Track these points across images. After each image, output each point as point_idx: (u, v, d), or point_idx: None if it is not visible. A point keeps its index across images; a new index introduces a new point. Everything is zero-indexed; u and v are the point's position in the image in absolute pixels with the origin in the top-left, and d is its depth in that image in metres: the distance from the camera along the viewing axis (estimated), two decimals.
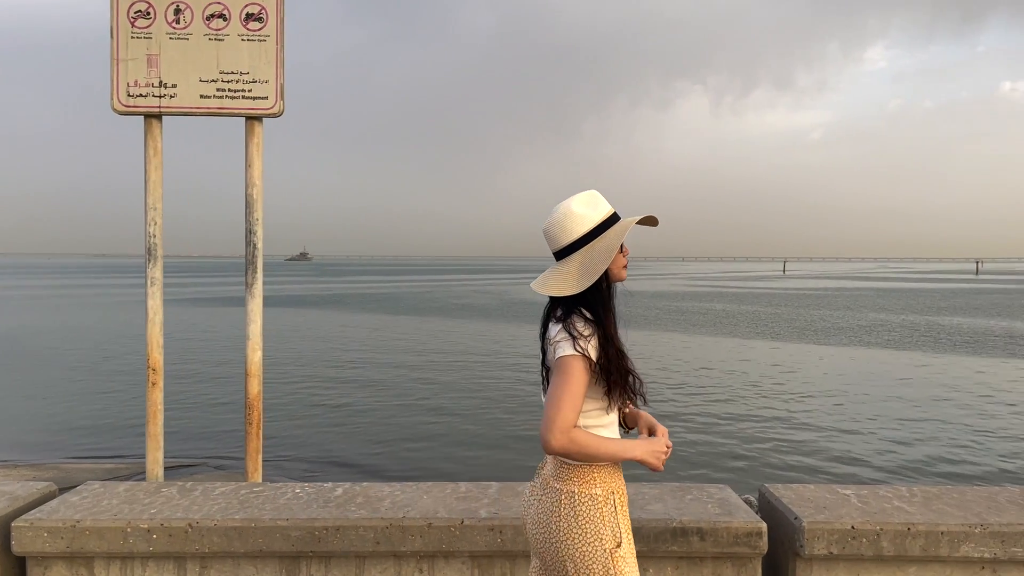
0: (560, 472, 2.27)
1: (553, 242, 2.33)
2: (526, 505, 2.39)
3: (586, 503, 2.21)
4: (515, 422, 13.32)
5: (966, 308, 44.86)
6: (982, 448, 11.89)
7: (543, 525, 2.27)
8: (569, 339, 2.17)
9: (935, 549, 3.20)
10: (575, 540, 2.20)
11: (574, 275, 2.24)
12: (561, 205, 2.31)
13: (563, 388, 2.11)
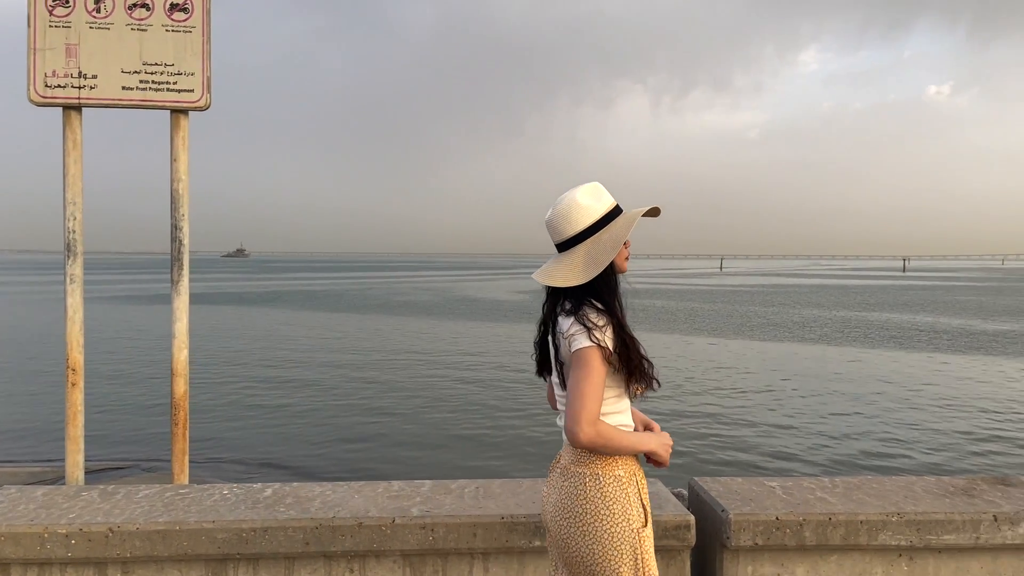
0: (581, 457, 2.26)
1: (557, 233, 2.31)
2: (545, 496, 2.40)
3: (612, 484, 2.22)
4: (455, 421, 13.29)
5: (894, 304, 46.40)
6: (907, 440, 12.31)
7: (567, 510, 2.25)
8: (584, 331, 2.17)
9: (855, 538, 3.30)
10: (603, 521, 2.20)
11: (579, 266, 2.24)
12: (565, 197, 2.31)
13: (586, 381, 2.12)
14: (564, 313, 2.27)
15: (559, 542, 2.30)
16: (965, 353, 23.28)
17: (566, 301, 2.28)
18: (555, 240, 2.34)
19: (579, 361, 2.15)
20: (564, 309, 2.27)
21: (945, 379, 18.46)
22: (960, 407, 14.90)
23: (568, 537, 2.26)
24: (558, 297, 2.35)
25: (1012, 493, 3.57)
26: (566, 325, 2.23)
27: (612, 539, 2.19)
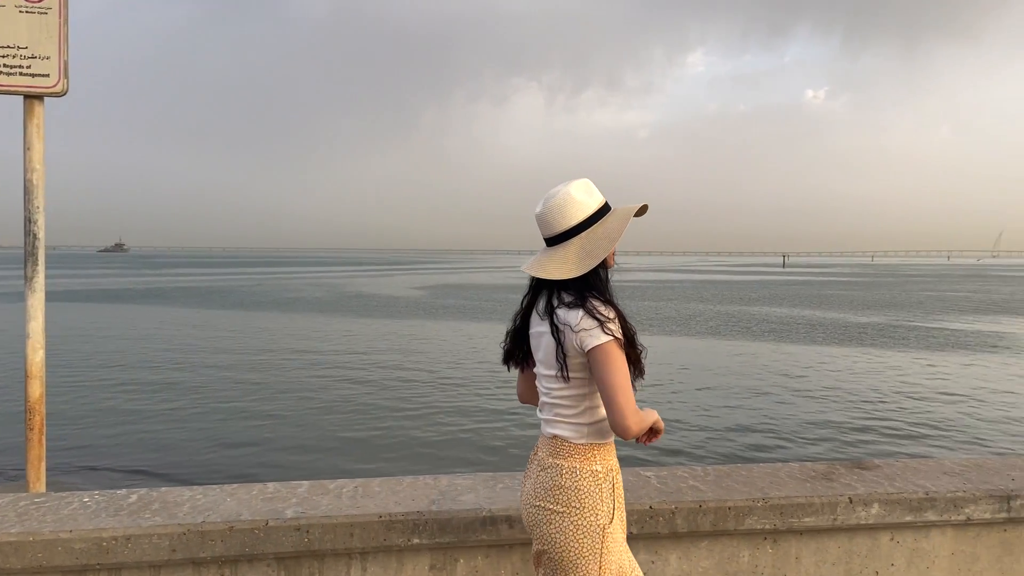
0: (560, 450, 2.28)
1: (550, 227, 2.31)
2: (524, 487, 2.42)
3: (587, 478, 2.25)
4: (344, 423, 13.08)
5: (775, 298, 48.65)
6: (781, 428, 12.93)
7: (538, 500, 2.28)
8: (599, 325, 2.17)
9: (723, 523, 3.43)
10: (572, 513, 2.23)
11: (573, 259, 2.24)
12: (559, 192, 2.30)
13: (618, 374, 2.15)
14: (565, 306, 2.25)
15: (532, 531, 2.34)
16: (839, 344, 24.66)
17: (564, 294, 2.28)
18: (547, 234, 2.33)
19: (604, 356, 2.16)
20: (564, 302, 2.26)
21: (820, 369, 19.49)
22: (832, 396, 15.76)
23: (537, 526, 2.30)
24: (542, 290, 2.35)
25: (867, 476, 3.79)
26: (574, 319, 2.22)
27: (577, 532, 2.22)
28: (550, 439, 2.34)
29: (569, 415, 2.31)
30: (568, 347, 2.23)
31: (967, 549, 3.72)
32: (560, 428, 2.32)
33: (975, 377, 18.15)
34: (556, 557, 2.26)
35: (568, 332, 2.22)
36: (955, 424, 13.21)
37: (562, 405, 2.31)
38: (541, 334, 2.34)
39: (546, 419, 2.36)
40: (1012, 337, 27.13)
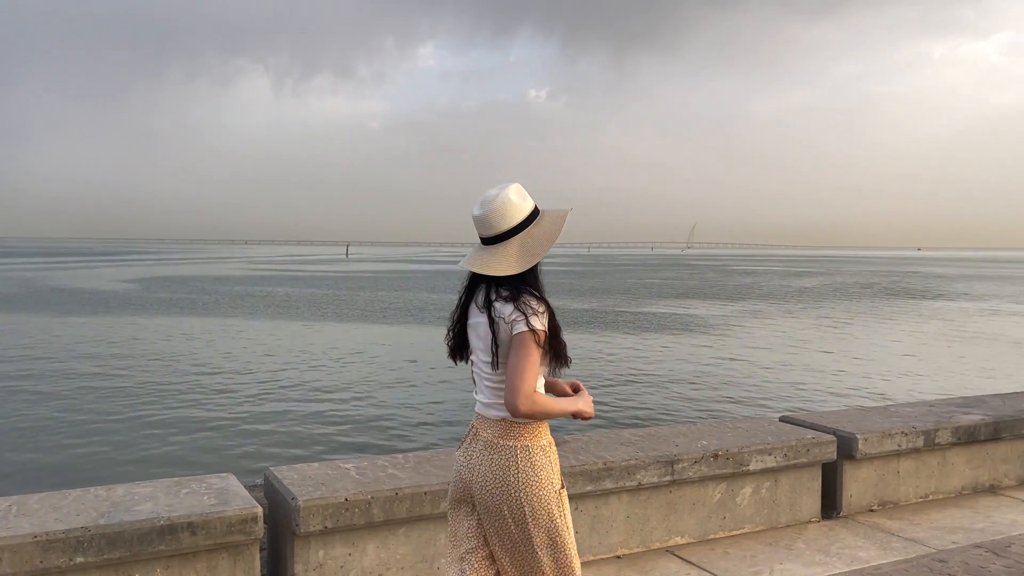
0: (510, 431, 2.45)
1: (491, 228, 2.47)
2: (467, 468, 2.51)
3: (539, 453, 2.45)
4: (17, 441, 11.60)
5: None
6: None
7: (498, 479, 2.43)
8: (524, 317, 2.37)
9: (419, 509, 3.48)
10: (532, 486, 2.41)
11: (514, 257, 2.44)
12: (498, 196, 2.47)
13: (526, 360, 2.35)
14: (502, 300, 2.43)
15: (491, 508, 2.46)
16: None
17: (501, 289, 2.45)
18: (487, 234, 2.49)
19: (519, 343, 2.37)
20: (501, 296, 2.44)
21: None
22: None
23: (502, 503, 2.44)
24: (479, 285, 2.53)
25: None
26: (507, 311, 2.41)
27: (540, 501, 2.42)
28: (497, 422, 2.49)
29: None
30: (502, 337, 2.42)
31: (640, 511, 4.11)
32: (503, 411, 2.45)
33: (670, 355, 20.30)
34: (529, 518, 2.43)
35: (502, 323, 2.42)
36: (647, 399, 14.67)
37: (499, 388, 2.46)
38: (479, 324, 2.51)
39: (489, 403, 2.51)
40: (701, 319, 30.73)
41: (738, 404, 14.05)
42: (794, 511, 4.56)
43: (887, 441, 4.78)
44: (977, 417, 5.18)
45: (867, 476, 4.81)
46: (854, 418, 5.10)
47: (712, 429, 4.70)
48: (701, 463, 4.18)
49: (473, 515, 2.55)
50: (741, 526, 4.39)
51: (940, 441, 4.96)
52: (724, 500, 4.34)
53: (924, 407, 5.52)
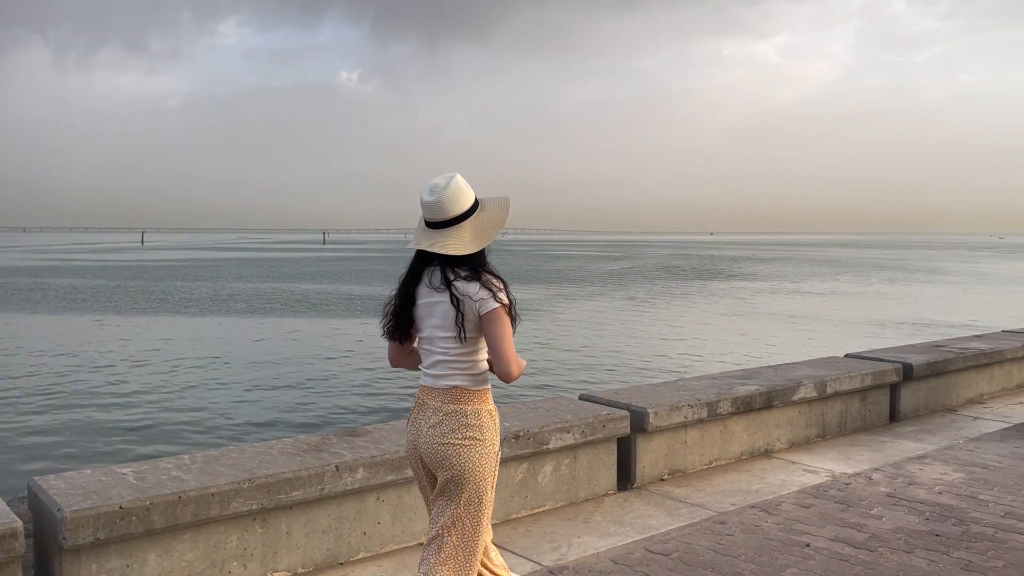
0: (460, 396, 2.69)
1: (444, 212, 2.65)
2: (418, 434, 2.73)
3: (486, 416, 2.71)
4: None
5: (316, 275, 49.47)
6: (305, 402, 13.16)
7: (447, 437, 2.65)
8: (492, 294, 2.61)
9: (207, 511, 3.27)
10: (478, 445, 2.66)
11: (468, 239, 2.65)
12: (450, 183, 2.66)
13: (505, 333, 2.64)
14: (463, 280, 2.63)
15: (441, 465, 2.67)
16: (374, 316, 25.97)
17: (459, 269, 2.64)
18: (439, 217, 2.65)
19: (495, 318, 2.62)
20: (461, 276, 2.64)
21: (363, 341, 20.28)
22: (367, 368, 16.51)
23: (447, 459, 2.66)
24: (427, 267, 2.70)
25: (357, 443, 3.95)
26: (472, 290, 2.62)
27: (483, 459, 2.67)
28: (448, 390, 2.70)
29: (464, 368, 2.70)
30: (467, 313, 2.63)
31: None
32: (457, 380, 2.69)
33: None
34: (465, 479, 2.66)
35: (468, 301, 2.62)
36: None
37: (459, 361, 2.69)
38: (435, 303, 2.68)
39: (440, 374, 2.70)
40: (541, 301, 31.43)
41: (542, 385, 14.50)
42: (592, 485, 4.74)
43: (675, 414, 5.08)
44: (753, 387, 5.62)
45: (658, 448, 5.09)
46: (646, 393, 5.38)
47: (514, 410, 4.78)
48: (503, 444, 4.23)
49: (429, 477, 2.79)
50: (543, 503, 4.51)
51: (722, 411, 5.34)
52: (526, 479, 4.44)
53: (708, 380, 5.92)
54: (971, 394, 7.46)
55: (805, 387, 5.85)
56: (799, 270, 58.29)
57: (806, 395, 5.86)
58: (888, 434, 6.27)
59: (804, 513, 4.41)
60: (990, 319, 24.02)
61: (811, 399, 5.93)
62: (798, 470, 5.29)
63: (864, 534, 4.09)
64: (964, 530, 4.15)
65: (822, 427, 6.10)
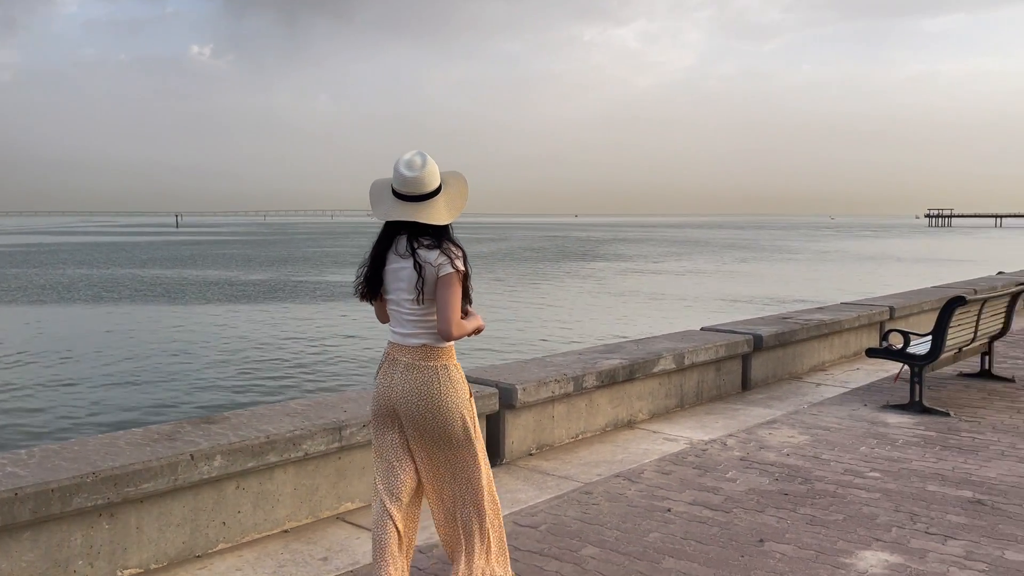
0: (429, 354, 2.94)
1: (422, 187, 2.90)
2: (389, 388, 2.96)
3: (454, 371, 2.97)
4: None
5: (169, 259, 46.99)
6: (157, 393, 12.51)
7: (423, 394, 2.91)
8: (449, 261, 2.86)
9: (47, 508, 3.03)
10: (450, 396, 2.93)
11: (443, 211, 2.92)
12: (426, 161, 2.92)
13: (453, 296, 2.87)
14: (425, 248, 2.89)
15: (417, 418, 2.93)
16: (231, 302, 24.94)
17: (423, 239, 2.90)
18: (417, 191, 2.90)
19: (447, 282, 2.86)
20: (423, 244, 2.89)
21: (210, 328, 19.43)
22: (216, 352, 15.84)
23: (427, 412, 2.92)
24: (396, 236, 2.94)
25: (213, 430, 3.77)
26: (433, 257, 2.87)
27: (457, 408, 2.94)
28: (418, 348, 2.95)
29: (429, 328, 2.94)
30: (427, 278, 2.88)
31: (308, 482, 3.98)
32: (424, 338, 2.94)
33: (345, 323, 20.22)
34: (449, 424, 2.93)
35: (428, 267, 2.88)
36: (319, 368, 14.50)
37: (423, 322, 2.94)
38: (401, 268, 2.93)
39: (409, 333, 2.96)
40: None
41: None
42: None
43: (543, 389, 5.15)
44: (617, 361, 5.78)
45: (526, 423, 5.15)
46: (514, 370, 5.43)
47: None
48: (370, 427, 4.15)
49: (395, 428, 3.00)
50: None
51: (587, 385, 5.46)
52: None
53: (574, 355, 6.04)
54: (814, 362, 7.98)
55: (665, 359, 6.08)
56: (659, 250, 60.63)
57: (666, 367, 6.08)
58: (741, 402, 6.61)
59: (665, 480, 4.58)
60: (830, 293, 25.82)
61: (670, 371, 6.16)
62: (659, 439, 5.48)
63: (720, 496, 4.30)
64: (809, 488, 4.43)
65: (681, 397, 6.35)
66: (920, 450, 5.11)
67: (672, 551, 3.61)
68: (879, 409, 6.21)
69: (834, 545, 3.66)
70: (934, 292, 10.80)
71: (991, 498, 4.24)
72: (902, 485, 4.45)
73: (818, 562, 3.48)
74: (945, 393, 6.71)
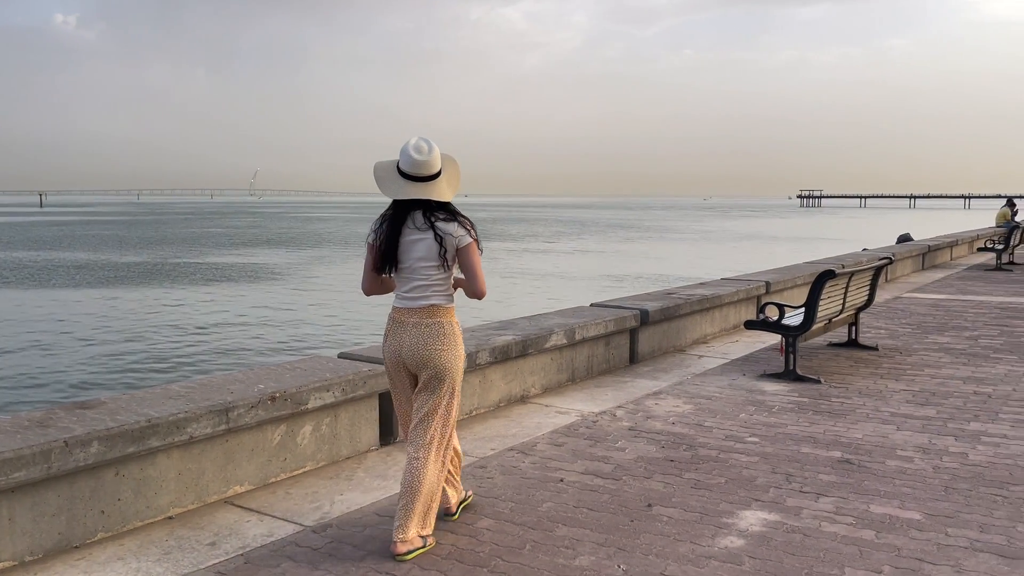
0: (437, 312, 3.39)
1: (429, 169, 3.36)
2: (398, 343, 3.42)
3: (456, 327, 3.45)
4: None
5: (33, 241, 44.07)
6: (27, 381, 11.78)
7: (430, 344, 3.37)
8: (467, 232, 3.37)
9: None
10: (453, 348, 3.41)
11: (446, 189, 3.41)
12: (432, 146, 3.38)
13: (478, 261, 3.42)
14: (443, 221, 3.34)
15: (421, 363, 3.38)
16: (103, 286, 23.65)
17: (438, 213, 3.36)
18: (425, 173, 3.35)
19: (470, 251, 3.37)
20: (440, 218, 3.35)
21: (79, 313, 18.39)
22: (86, 338, 15.03)
23: (430, 360, 3.36)
24: (411, 211, 3.37)
25: (89, 416, 3.58)
26: (452, 229, 3.34)
27: (456, 359, 3.42)
28: (426, 308, 3.39)
29: (442, 290, 3.41)
30: (448, 247, 3.34)
31: (193, 466, 3.84)
32: (435, 299, 3.39)
33: (230, 303, 19.56)
34: (445, 374, 3.40)
35: (449, 238, 3.34)
36: (203, 350, 14.00)
37: (438, 285, 3.39)
38: (419, 240, 3.36)
39: (420, 295, 3.39)
40: (266, 266, 30.12)
41: (299, 346, 14.10)
42: (354, 443, 4.68)
43: None
44: (510, 337, 5.83)
45: None
46: None
47: (270, 372, 4.57)
48: (258, 407, 4.05)
49: (408, 381, 3.50)
50: (303, 465, 4.38)
51: (480, 361, 5.48)
52: (284, 441, 4.28)
53: (467, 333, 6.03)
54: (697, 335, 8.30)
55: (557, 335, 6.18)
56: (549, 230, 61.41)
57: (557, 342, 6.18)
58: (629, 374, 6.80)
59: (557, 451, 4.67)
60: (711, 269, 26.87)
61: (562, 346, 6.27)
62: (551, 412, 5.58)
63: (610, 465, 4.42)
64: (693, 454, 4.62)
65: (572, 371, 6.48)
66: (794, 415, 5.41)
67: (565, 519, 3.70)
68: (757, 378, 6.52)
69: (717, 507, 3.83)
70: (805, 268, 11.40)
71: (858, 457, 4.54)
72: (778, 448, 4.70)
73: (702, 523, 3.64)
74: (816, 362, 7.12)
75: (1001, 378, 6.42)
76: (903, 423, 5.19)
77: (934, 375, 6.54)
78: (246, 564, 3.26)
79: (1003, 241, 16.25)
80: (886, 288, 12.53)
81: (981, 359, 7.17)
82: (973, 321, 9.35)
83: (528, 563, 3.26)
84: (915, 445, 4.73)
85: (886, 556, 3.30)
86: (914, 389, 6.08)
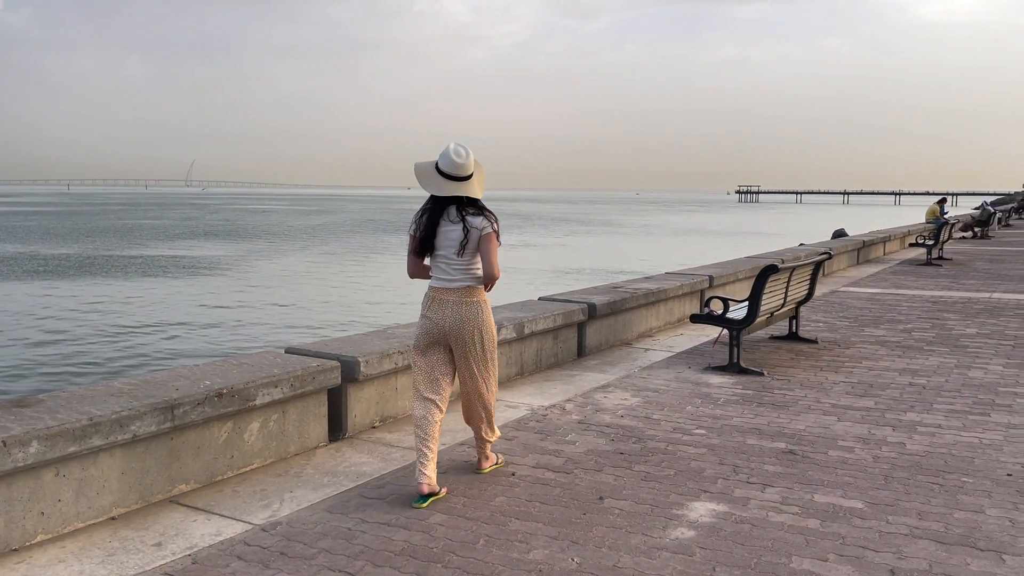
0: (473, 292, 3.98)
1: (466, 170, 3.94)
2: (440, 318, 3.96)
3: (488, 304, 4.05)
4: None
5: None
6: None
7: (469, 320, 3.95)
8: (490, 224, 3.94)
9: None
10: (488, 322, 4.03)
11: (477, 188, 4.01)
12: (467, 150, 3.96)
13: (493, 249, 3.95)
14: (471, 215, 3.92)
15: (463, 338, 3.96)
16: (30, 280, 22.82)
17: (469, 208, 3.95)
18: (462, 173, 3.93)
19: (489, 239, 3.93)
20: (470, 213, 3.93)
21: (4, 307, 17.72)
22: (17, 334, 14.50)
23: (472, 332, 3.96)
24: (447, 206, 3.94)
25: (27, 414, 3.45)
26: (479, 223, 3.92)
27: (491, 332, 4.04)
28: (463, 288, 3.95)
29: (473, 274, 3.95)
30: (472, 237, 3.89)
31: (137, 465, 3.74)
32: (468, 281, 3.95)
33: (171, 298, 19.08)
34: (486, 339, 4.01)
35: (474, 230, 3.90)
36: (145, 347, 13.64)
37: (467, 269, 3.94)
38: (452, 230, 3.91)
39: (455, 278, 3.94)
40: (206, 260, 29.44)
41: (245, 341, 13.84)
42: (303, 439, 4.62)
43: (386, 361, 5.09)
44: None
45: (369, 396, 5.08)
46: (356, 343, 5.33)
47: (216, 368, 4.48)
48: (205, 404, 3.96)
49: (441, 350, 4.02)
50: (250, 462, 4.30)
51: None
52: (231, 439, 4.19)
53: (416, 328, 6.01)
54: (643, 328, 8.40)
55: (506, 329, 6.18)
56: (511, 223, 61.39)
57: (507, 336, 6.19)
58: (577, 368, 6.85)
59: (508, 445, 4.68)
60: (655, 263, 27.21)
61: (511, 340, 6.28)
62: (501, 406, 5.57)
63: (561, 459, 4.45)
64: (642, 446, 4.67)
65: (521, 365, 6.50)
66: (739, 407, 5.52)
67: (518, 513, 3.71)
68: (702, 371, 6.64)
69: (667, 498, 3.89)
70: (747, 262, 11.63)
71: (801, 448, 4.65)
72: (725, 440, 4.79)
73: (653, 515, 3.69)
74: (759, 354, 7.28)
75: (934, 370, 6.66)
76: (843, 414, 5.34)
77: (871, 367, 6.75)
78: (194, 564, 3.19)
79: (933, 237, 16.83)
80: (824, 282, 12.86)
81: (915, 351, 7.42)
82: (907, 315, 9.67)
83: (482, 557, 3.26)
84: (855, 435, 4.88)
85: (831, 544, 3.39)
86: (853, 381, 6.26)
